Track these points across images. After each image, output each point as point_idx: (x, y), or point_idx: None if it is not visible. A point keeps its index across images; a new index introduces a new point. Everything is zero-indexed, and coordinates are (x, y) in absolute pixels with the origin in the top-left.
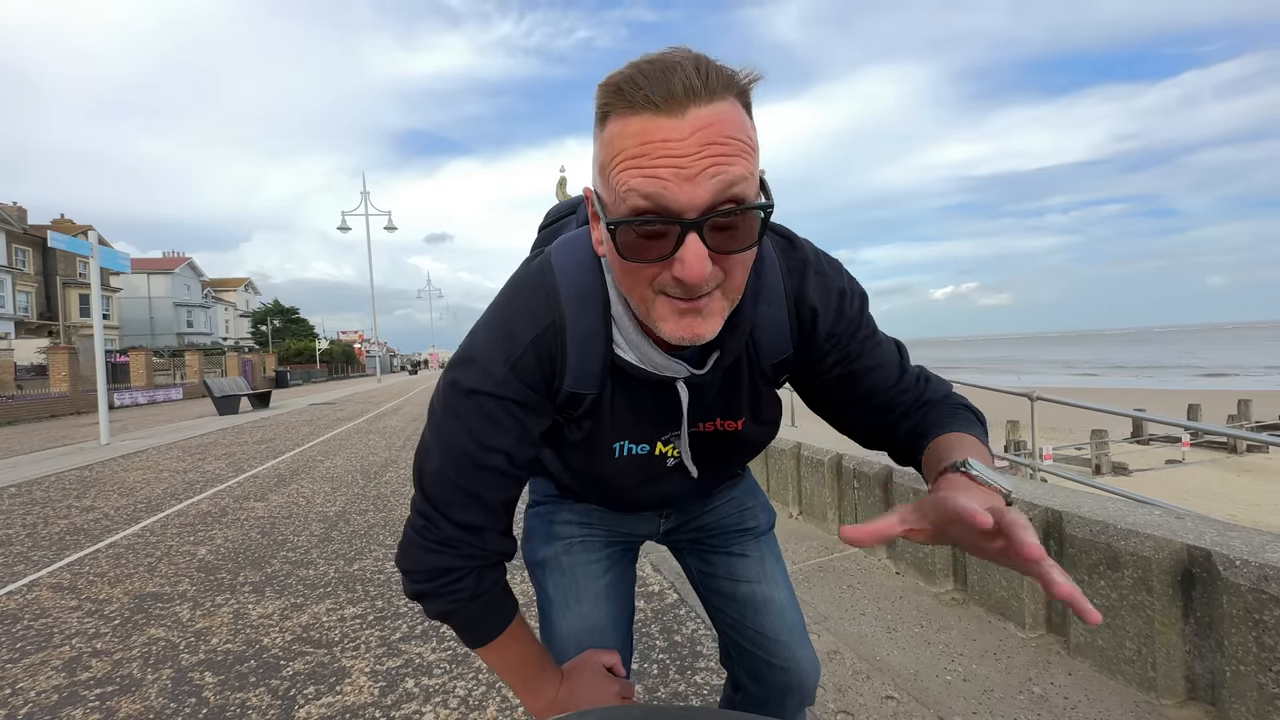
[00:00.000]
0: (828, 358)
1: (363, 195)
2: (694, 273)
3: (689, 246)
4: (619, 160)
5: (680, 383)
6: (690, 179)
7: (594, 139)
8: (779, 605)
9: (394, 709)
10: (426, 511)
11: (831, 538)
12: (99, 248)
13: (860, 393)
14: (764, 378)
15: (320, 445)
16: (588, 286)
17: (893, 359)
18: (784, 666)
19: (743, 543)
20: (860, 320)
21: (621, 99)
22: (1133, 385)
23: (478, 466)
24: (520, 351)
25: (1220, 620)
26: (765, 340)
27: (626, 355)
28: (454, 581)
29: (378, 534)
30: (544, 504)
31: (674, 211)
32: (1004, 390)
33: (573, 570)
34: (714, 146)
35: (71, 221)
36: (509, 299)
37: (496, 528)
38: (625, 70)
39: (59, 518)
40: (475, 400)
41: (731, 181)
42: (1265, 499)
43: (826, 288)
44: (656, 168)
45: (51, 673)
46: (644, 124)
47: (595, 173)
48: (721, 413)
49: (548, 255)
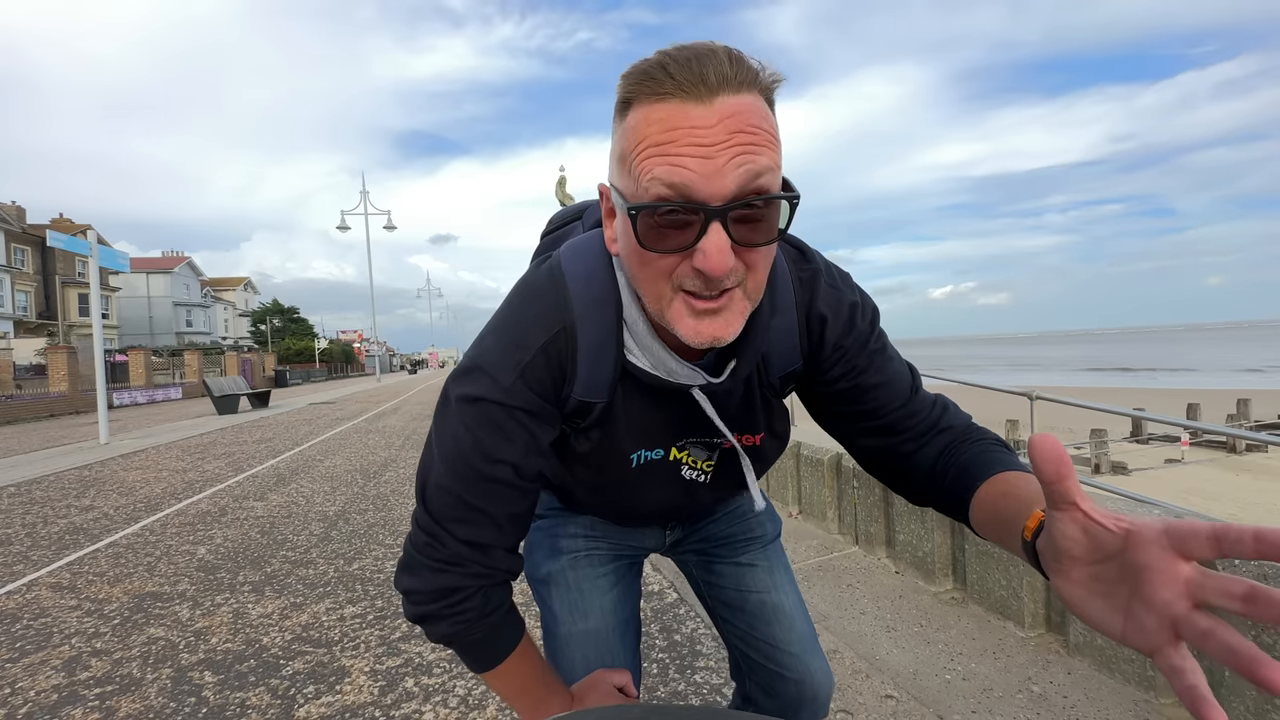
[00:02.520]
0: (834, 369)
1: (362, 194)
2: (716, 264)
3: (711, 236)
4: (643, 147)
5: (696, 390)
6: (717, 168)
7: (613, 130)
8: (789, 615)
9: (394, 708)
10: (430, 527)
11: (831, 537)
12: (98, 247)
13: (865, 409)
14: (771, 390)
15: (320, 445)
16: (599, 290)
17: (903, 380)
18: (797, 680)
19: (750, 552)
20: (870, 334)
21: (648, 85)
22: (1132, 384)
23: (484, 479)
24: (530, 358)
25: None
26: (775, 351)
27: (639, 361)
28: (459, 602)
29: (377, 533)
30: (547, 518)
31: (698, 200)
32: (1004, 390)
33: (579, 585)
34: (741, 135)
35: (70, 221)
36: (518, 304)
37: (504, 544)
38: (653, 58)
39: (58, 517)
40: (482, 409)
41: (758, 172)
42: (1264, 498)
43: (838, 299)
44: (682, 155)
45: (51, 672)
46: (670, 110)
47: (614, 163)
48: (742, 427)
49: (557, 259)
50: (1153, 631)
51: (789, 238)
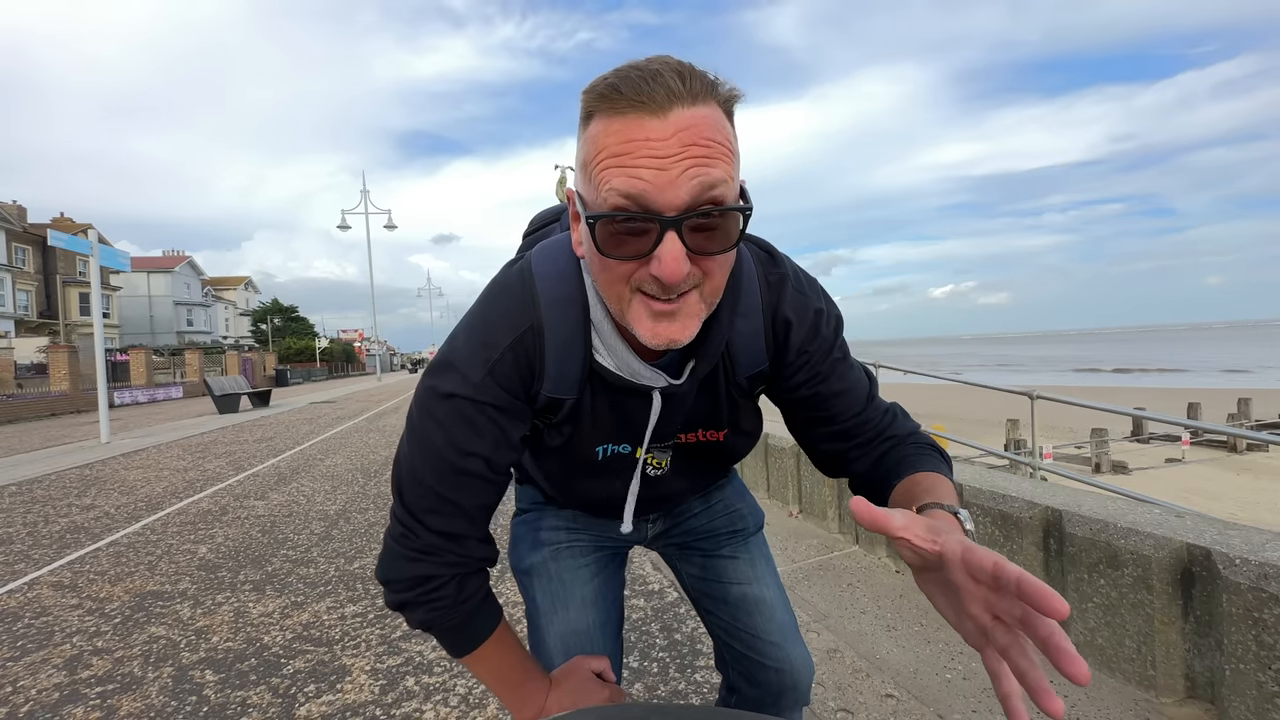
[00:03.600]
0: (797, 375)
1: (362, 194)
2: (671, 271)
3: (667, 245)
4: (601, 158)
5: (656, 392)
6: (671, 179)
7: (578, 139)
8: (770, 605)
9: (394, 707)
10: (405, 519)
11: (831, 536)
12: (99, 246)
13: (825, 415)
14: (739, 390)
15: (320, 444)
16: (567, 291)
17: (861, 387)
18: (778, 668)
19: (732, 545)
20: (834, 342)
21: (605, 101)
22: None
23: (456, 472)
24: (498, 356)
25: (1220, 619)
26: (741, 353)
27: (605, 361)
28: (435, 590)
29: (378, 532)
30: (530, 511)
31: (654, 210)
32: (1004, 389)
33: (560, 576)
34: (695, 148)
35: (71, 220)
36: (487, 303)
37: (476, 534)
38: (609, 75)
39: (59, 516)
40: (453, 405)
41: (711, 183)
42: (1265, 497)
43: (804, 304)
44: (638, 166)
45: (52, 671)
46: (626, 123)
47: (578, 171)
48: (705, 423)
49: (527, 260)
50: (973, 634)
51: (759, 241)
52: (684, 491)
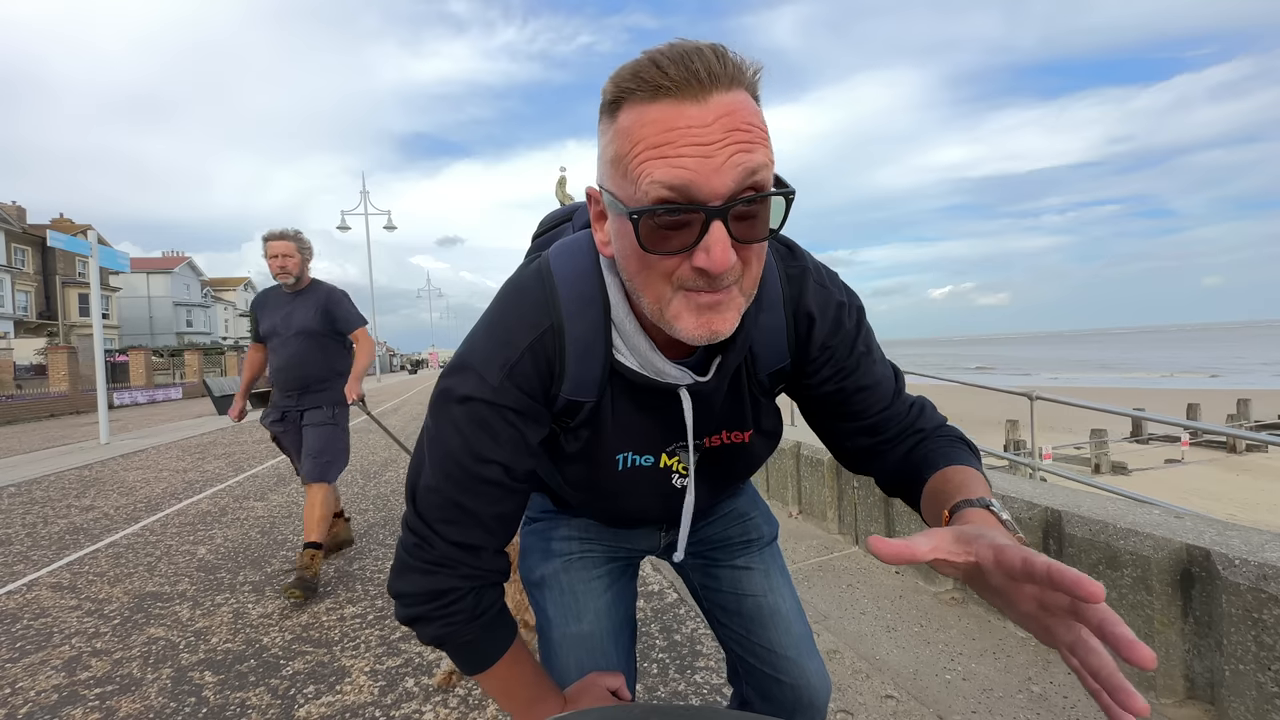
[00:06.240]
0: (821, 370)
1: (362, 195)
2: (719, 262)
3: (714, 235)
4: (639, 150)
5: (683, 390)
6: (716, 166)
7: (601, 133)
8: (785, 618)
9: (394, 708)
10: (419, 529)
11: (831, 537)
12: (98, 247)
13: (850, 410)
14: (760, 388)
15: None
16: (587, 290)
17: (888, 381)
18: (793, 684)
19: (746, 555)
20: (857, 334)
21: (640, 85)
22: (1132, 385)
23: (473, 479)
24: (517, 357)
25: (1219, 619)
26: (762, 349)
27: (627, 360)
28: (450, 604)
29: (377, 533)
30: (540, 520)
31: (698, 200)
32: (1004, 390)
33: (572, 588)
34: (737, 133)
35: (71, 221)
36: (505, 304)
37: (494, 545)
38: (641, 58)
39: (58, 517)
40: (470, 408)
41: (754, 169)
42: (1264, 498)
43: (826, 298)
44: (681, 156)
45: (51, 672)
46: (664, 111)
47: (606, 167)
48: (729, 424)
49: (545, 259)
50: (1041, 633)
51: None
52: (706, 501)
